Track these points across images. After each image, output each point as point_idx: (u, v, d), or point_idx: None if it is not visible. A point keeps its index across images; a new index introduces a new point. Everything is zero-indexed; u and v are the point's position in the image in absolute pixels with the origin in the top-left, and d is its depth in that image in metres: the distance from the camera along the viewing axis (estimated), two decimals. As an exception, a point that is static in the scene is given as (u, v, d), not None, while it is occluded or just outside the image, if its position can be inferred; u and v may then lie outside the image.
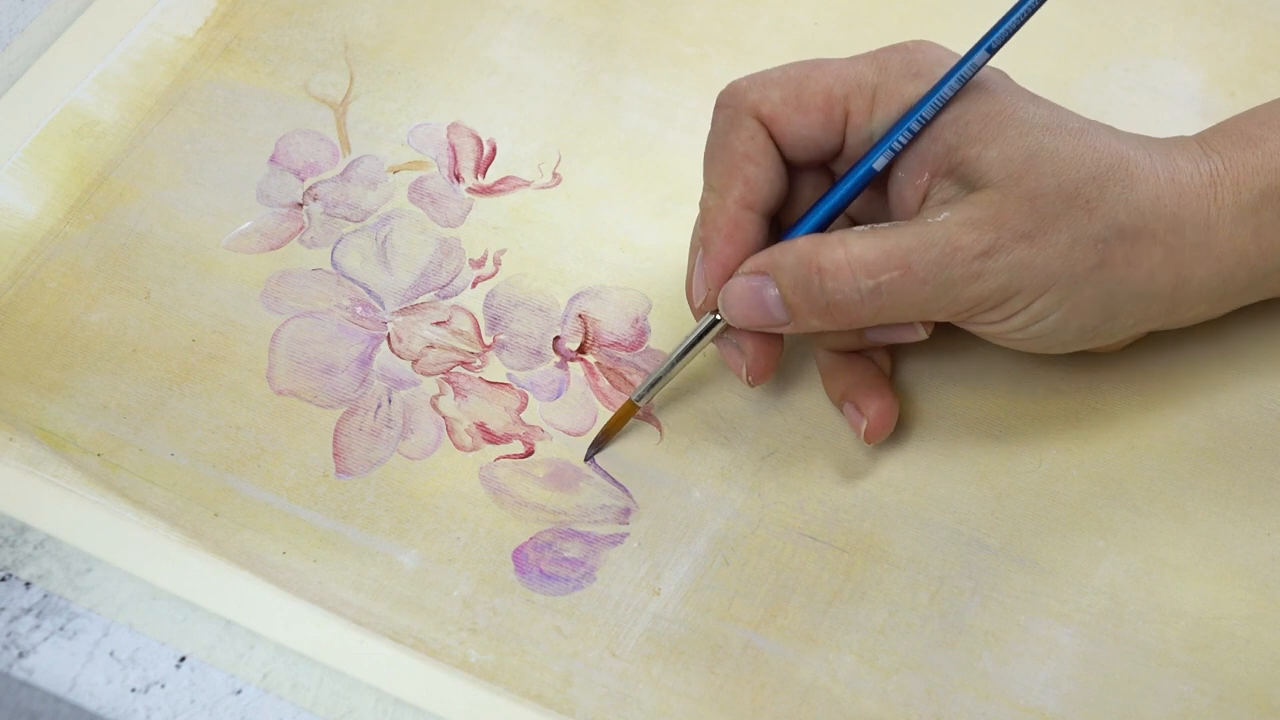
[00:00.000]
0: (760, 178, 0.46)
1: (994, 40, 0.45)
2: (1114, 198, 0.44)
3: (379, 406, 0.51)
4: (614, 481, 0.50)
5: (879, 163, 0.46)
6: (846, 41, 0.59)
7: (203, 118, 0.57)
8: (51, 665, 0.46)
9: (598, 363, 0.53)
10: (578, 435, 0.51)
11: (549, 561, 0.49)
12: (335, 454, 0.51)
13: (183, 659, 0.46)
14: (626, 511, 0.50)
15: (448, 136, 0.57)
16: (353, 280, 0.54)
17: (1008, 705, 0.46)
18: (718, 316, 0.48)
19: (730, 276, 0.47)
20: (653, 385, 0.49)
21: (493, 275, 0.54)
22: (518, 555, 0.49)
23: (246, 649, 0.46)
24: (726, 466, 0.50)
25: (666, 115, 0.57)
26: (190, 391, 0.52)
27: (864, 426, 0.49)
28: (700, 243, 0.47)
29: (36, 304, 0.54)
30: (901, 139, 0.46)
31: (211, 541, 0.48)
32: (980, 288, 0.45)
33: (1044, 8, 0.45)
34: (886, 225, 0.45)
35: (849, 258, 0.44)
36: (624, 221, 0.55)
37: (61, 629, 0.47)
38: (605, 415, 0.51)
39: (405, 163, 0.56)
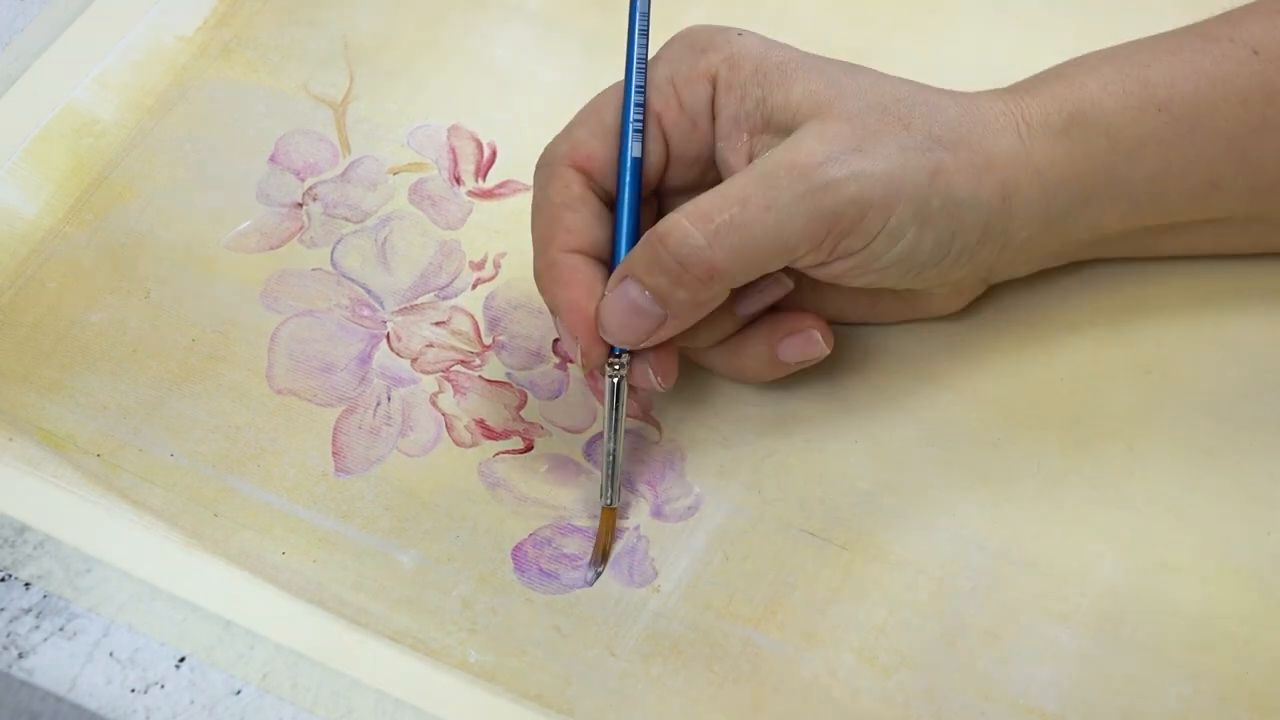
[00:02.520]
0: (580, 223, 0.46)
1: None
2: (923, 117, 0.45)
3: (378, 404, 0.51)
4: (612, 477, 0.49)
5: (635, 149, 0.47)
6: (848, 38, 0.59)
7: (203, 117, 0.57)
8: (51, 665, 0.46)
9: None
10: (578, 432, 0.51)
11: (548, 559, 0.48)
12: (334, 452, 0.51)
13: (182, 659, 0.46)
14: (626, 507, 0.50)
15: (448, 139, 0.57)
16: (352, 280, 0.54)
17: (1007, 705, 0.45)
18: (615, 374, 0.47)
19: (590, 320, 0.46)
20: (611, 476, 0.48)
21: (493, 278, 0.54)
22: (517, 553, 0.49)
23: (246, 649, 0.46)
24: (726, 464, 0.50)
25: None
26: (190, 391, 0.52)
27: (818, 335, 0.48)
28: (549, 305, 0.47)
29: (36, 304, 0.54)
30: (636, 114, 0.47)
31: (211, 541, 0.48)
32: (831, 199, 0.44)
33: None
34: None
35: (685, 214, 0.44)
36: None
37: (61, 629, 0.47)
38: (605, 415, 0.50)
39: (405, 164, 0.57)
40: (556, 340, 0.53)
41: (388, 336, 0.53)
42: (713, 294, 0.45)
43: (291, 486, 0.50)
